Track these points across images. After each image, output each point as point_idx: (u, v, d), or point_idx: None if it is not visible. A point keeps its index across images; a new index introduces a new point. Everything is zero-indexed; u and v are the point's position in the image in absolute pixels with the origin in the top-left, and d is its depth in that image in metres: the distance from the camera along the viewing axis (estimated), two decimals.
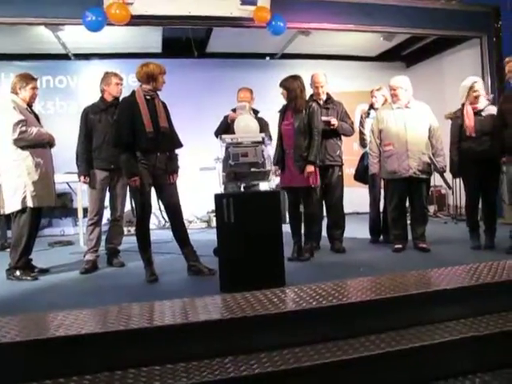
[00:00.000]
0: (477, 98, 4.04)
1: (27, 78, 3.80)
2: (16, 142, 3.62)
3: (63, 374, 2.12)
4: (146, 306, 2.62)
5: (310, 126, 3.85)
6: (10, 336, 2.20)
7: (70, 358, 2.18)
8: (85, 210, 5.65)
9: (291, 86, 3.87)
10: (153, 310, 2.55)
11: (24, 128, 3.62)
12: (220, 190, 3.36)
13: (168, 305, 2.64)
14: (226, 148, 3.14)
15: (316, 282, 2.99)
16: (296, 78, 3.92)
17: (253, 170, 3.17)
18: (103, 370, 2.15)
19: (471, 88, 4.03)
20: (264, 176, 3.21)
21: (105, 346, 2.24)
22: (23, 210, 3.66)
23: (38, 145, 3.75)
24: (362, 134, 4.83)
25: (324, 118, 4.20)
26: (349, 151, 5.27)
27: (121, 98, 3.88)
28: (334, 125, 4.27)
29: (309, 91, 4.25)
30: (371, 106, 4.85)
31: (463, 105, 4.10)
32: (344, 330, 2.46)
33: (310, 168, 3.81)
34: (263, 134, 3.29)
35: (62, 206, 6.28)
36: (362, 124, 4.84)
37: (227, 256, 3.00)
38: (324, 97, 4.40)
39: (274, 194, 3.11)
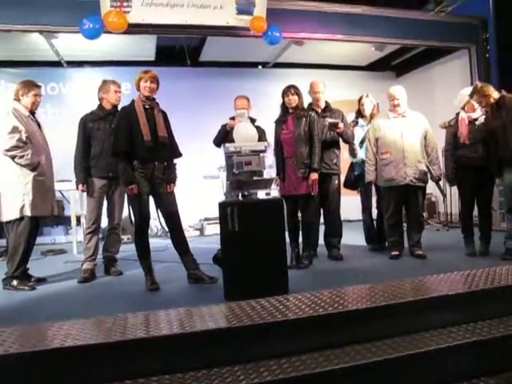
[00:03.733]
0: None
1: (30, 85, 3.77)
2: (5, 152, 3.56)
3: None
4: (153, 316, 2.59)
5: (310, 133, 3.89)
6: (15, 347, 2.17)
7: (78, 368, 2.15)
8: (77, 219, 5.63)
9: (300, 93, 3.96)
10: (159, 319, 2.53)
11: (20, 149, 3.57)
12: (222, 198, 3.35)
13: (174, 314, 2.62)
14: (229, 156, 3.14)
15: (317, 289, 3.00)
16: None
17: (255, 178, 3.18)
18: (113, 380, 2.13)
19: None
20: (266, 184, 3.23)
21: (114, 356, 2.22)
22: (21, 218, 3.61)
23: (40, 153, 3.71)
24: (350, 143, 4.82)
25: (330, 120, 4.20)
26: None
27: (119, 107, 3.88)
28: (340, 128, 4.26)
29: (307, 99, 4.29)
30: (359, 114, 4.81)
31: (458, 114, 4.18)
32: (353, 337, 2.48)
33: (314, 176, 3.86)
34: (266, 143, 3.32)
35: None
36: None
37: (231, 264, 3.01)
38: (322, 104, 4.42)
39: (278, 203, 3.12)
